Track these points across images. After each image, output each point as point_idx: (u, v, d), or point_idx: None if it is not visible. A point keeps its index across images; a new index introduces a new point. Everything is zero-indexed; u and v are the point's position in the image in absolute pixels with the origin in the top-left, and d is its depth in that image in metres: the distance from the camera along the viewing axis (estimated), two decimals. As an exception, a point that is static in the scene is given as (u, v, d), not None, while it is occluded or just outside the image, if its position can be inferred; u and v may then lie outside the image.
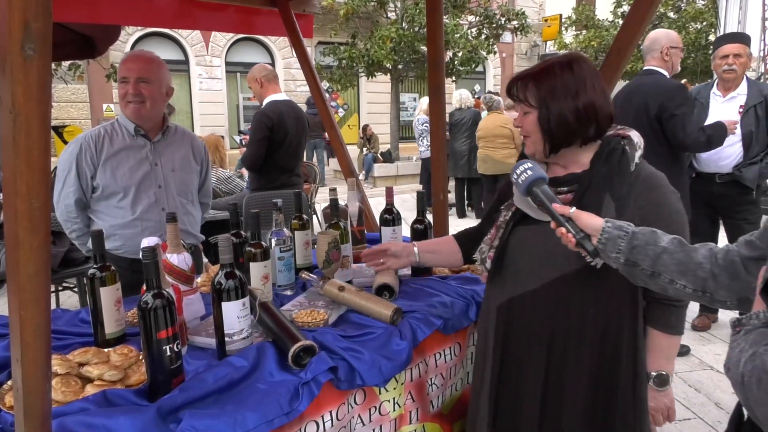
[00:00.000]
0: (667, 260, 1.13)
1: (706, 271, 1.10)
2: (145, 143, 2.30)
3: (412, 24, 11.80)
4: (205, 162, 2.56)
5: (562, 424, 1.47)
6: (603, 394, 1.46)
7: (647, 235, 1.17)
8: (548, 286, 1.46)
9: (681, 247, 1.14)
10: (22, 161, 0.89)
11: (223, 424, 1.17)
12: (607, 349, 1.45)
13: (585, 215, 1.24)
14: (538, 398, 1.49)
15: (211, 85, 15.22)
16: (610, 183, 1.40)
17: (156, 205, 2.30)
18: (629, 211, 1.38)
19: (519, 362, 1.53)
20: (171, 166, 2.35)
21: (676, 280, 1.13)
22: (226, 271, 1.42)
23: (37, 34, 0.85)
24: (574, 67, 1.42)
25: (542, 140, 1.45)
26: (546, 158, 1.49)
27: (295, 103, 4.09)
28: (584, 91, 1.40)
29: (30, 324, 0.96)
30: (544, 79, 1.43)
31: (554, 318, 1.47)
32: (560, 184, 1.46)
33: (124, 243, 2.26)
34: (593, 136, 1.44)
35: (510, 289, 1.54)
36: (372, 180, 11.92)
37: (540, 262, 1.45)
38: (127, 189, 2.24)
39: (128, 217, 2.26)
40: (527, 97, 1.45)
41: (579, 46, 15.93)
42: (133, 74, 2.20)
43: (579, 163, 1.47)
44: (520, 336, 1.53)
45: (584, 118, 1.40)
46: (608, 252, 1.19)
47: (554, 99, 1.41)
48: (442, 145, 2.89)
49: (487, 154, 7.28)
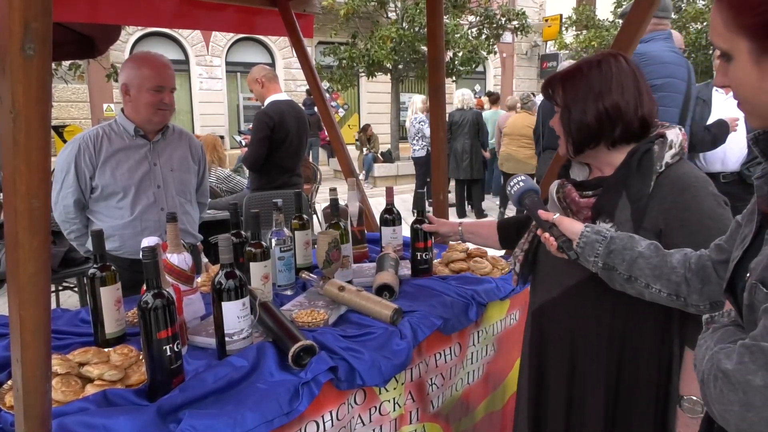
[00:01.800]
0: (643, 265, 1.14)
1: (680, 275, 1.12)
2: (144, 143, 2.30)
3: (412, 24, 11.79)
4: (202, 162, 2.57)
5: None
6: (621, 410, 1.43)
7: (624, 240, 1.18)
8: (566, 293, 1.47)
9: (656, 252, 1.15)
10: (21, 161, 0.89)
11: (223, 424, 1.17)
12: (626, 364, 1.42)
13: (567, 221, 1.27)
14: (563, 406, 1.52)
15: (212, 85, 15.22)
16: (626, 184, 1.35)
17: (155, 205, 2.30)
18: (651, 213, 1.32)
19: (548, 368, 1.56)
20: (170, 165, 2.35)
21: (651, 284, 1.14)
22: (226, 270, 1.42)
23: (37, 34, 0.84)
24: (603, 67, 1.37)
25: (565, 140, 1.44)
26: (573, 158, 1.47)
27: (296, 103, 4.10)
28: (609, 92, 1.35)
29: (30, 324, 0.96)
30: (570, 79, 1.41)
31: (573, 326, 1.48)
32: (587, 188, 1.44)
33: (123, 243, 2.26)
34: (622, 138, 1.38)
35: (540, 296, 1.57)
36: (372, 180, 11.92)
37: (561, 269, 1.45)
38: (126, 189, 2.24)
39: (127, 218, 2.26)
40: (556, 98, 1.44)
41: (579, 46, 15.93)
42: (170, 83, 2.25)
43: (611, 165, 1.42)
44: (549, 343, 1.55)
45: (606, 119, 1.36)
46: (587, 256, 1.22)
47: (576, 100, 1.38)
48: (443, 145, 2.89)
49: (509, 153, 7.25)
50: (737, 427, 0.73)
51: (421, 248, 2.08)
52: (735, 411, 0.72)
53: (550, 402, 1.55)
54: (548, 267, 1.52)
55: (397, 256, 2.10)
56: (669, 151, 1.35)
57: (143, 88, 2.20)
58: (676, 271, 1.12)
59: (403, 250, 2.32)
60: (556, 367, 1.53)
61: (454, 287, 1.93)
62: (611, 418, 1.44)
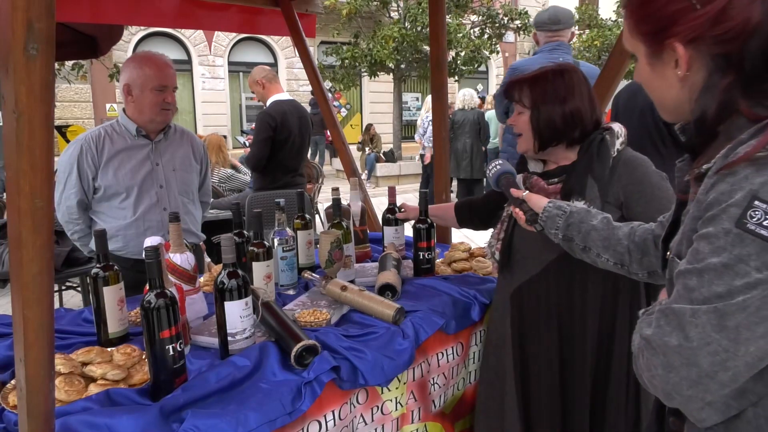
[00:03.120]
0: (595, 236, 1.28)
1: (624, 246, 1.24)
2: (146, 143, 2.30)
3: (414, 23, 11.79)
4: (204, 161, 2.57)
5: (575, 394, 1.65)
6: (604, 363, 1.63)
7: (582, 214, 1.32)
8: (549, 268, 1.63)
9: (607, 225, 1.28)
10: (25, 161, 0.89)
11: (226, 424, 1.17)
12: (609, 323, 1.62)
13: (535, 197, 1.42)
14: (557, 371, 1.65)
15: (214, 85, 15.24)
16: (590, 167, 1.56)
17: (158, 205, 2.30)
18: (613, 189, 1.54)
19: (537, 341, 1.68)
20: (172, 165, 2.35)
21: (601, 254, 1.27)
22: (229, 270, 1.42)
23: (40, 34, 0.85)
24: (565, 76, 1.59)
25: (533, 138, 1.62)
26: (536, 155, 1.67)
27: (298, 103, 4.10)
28: (572, 98, 1.57)
29: (33, 323, 0.97)
30: (537, 84, 1.60)
31: (559, 297, 1.64)
32: (551, 176, 1.65)
33: (126, 243, 2.26)
34: (578, 139, 1.60)
35: (518, 277, 1.70)
36: (374, 180, 11.91)
37: (540, 248, 1.60)
38: (129, 189, 2.24)
39: (130, 218, 2.26)
40: (522, 99, 1.63)
41: (582, 46, 15.90)
42: (172, 82, 2.25)
43: (568, 159, 1.64)
44: (533, 320, 1.68)
45: (570, 121, 1.58)
46: (549, 228, 1.36)
47: (544, 102, 1.58)
48: (445, 145, 2.89)
49: None
50: (663, 391, 0.78)
51: (424, 248, 2.08)
52: (659, 375, 0.77)
53: (545, 369, 1.67)
54: (525, 250, 1.68)
55: (400, 256, 2.10)
56: (618, 140, 1.59)
57: (146, 87, 2.20)
58: (621, 242, 1.24)
59: (406, 249, 2.32)
60: (543, 337, 1.67)
61: (456, 287, 1.93)
62: (594, 373, 1.63)
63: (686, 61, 0.83)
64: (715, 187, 0.74)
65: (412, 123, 16.58)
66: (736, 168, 0.72)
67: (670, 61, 0.86)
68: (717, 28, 0.78)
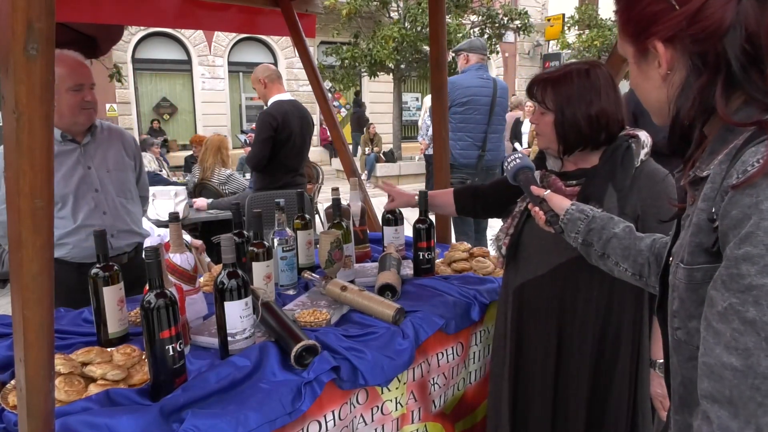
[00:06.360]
0: (615, 244, 1.24)
1: (644, 258, 1.20)
2: (74, 147, 2.16)
3: (414, 24, 11.79)
4: (138, 156, 2.44)
5: (568, 400, 1.62)
6: (604, 372, 1.59)
7: (604, 220, 1.27)
8: (555, 270, 1.59)
9: (630, 234, 1.24)
10: (25, 161, 0.89)
11: (226, 424, 1.17)
12: (610, 331, 1.58)
13: (556, 197, 1.35)
14: (551, 375, 1.63)
15: (214, 85, 15.24)
16: (612, 175, 1.51)
17: (96, 210, 2.19)
18: (632, 201, 1.50)
19: (533, 342, 1.67)
20: (105, 167, 2.23)
21: (620, 263, 1.24)
22: (229, 270, 1.42)
23: (40, 34, 0.85)
24: (591, 75, 1.50)
25: (556, 141, 1.55)
26: (560, 158, 1.60)
27: (299, 103, 4.09)
28: (598, 99, 1.49)
29: (33, 323, 0.96)
30: (561, 85, 1.52)
31: (561, 300, 1.60)
32: (569, 178, 1.59)
33: (71, 249, 2.16)
34: (603, 141, 1.54)
35: (523, 274, 1.68)
36: (374, 180, 11.92)
37: (549, 249, 1.57)
38: (65, 198, 2.12)
39: (71, 226, 2.15)
40: (545, 100, 1.54)
41: (582, 46, 15.91)
42: (89, 80, 2.12)
43: (589, 162, 1.58)
44: (533, 318, 1.66)
45: (596, 124, 1.50)
46: (569, 231, 1.31)
47: (569, 105, 1.50)
48: (445, 145, 2.89)
49: None
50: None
51: (424, 248, 2.08)
52: None
53: (538, 368, 1.65)
54: (533, 248, 1.65)
55: (399, 256, 2.10)
56: (642, 150, 1.53)
57: (61, 89, 2.04)
58: (642, 253, 1.21)
59: (405, 249, 2.32)
60: (541, 337, 1.64)
61: (456, 287, 1.93)
62: (593, 380, 1.60)
63: (667, 60, 0.83)
64: (736, 202, 0.71)
65: (412, 123, 16.57)
66: (756, 180, 0.70)
67: (653, 62, 0.86)
68: (693, 27, 0.79)
